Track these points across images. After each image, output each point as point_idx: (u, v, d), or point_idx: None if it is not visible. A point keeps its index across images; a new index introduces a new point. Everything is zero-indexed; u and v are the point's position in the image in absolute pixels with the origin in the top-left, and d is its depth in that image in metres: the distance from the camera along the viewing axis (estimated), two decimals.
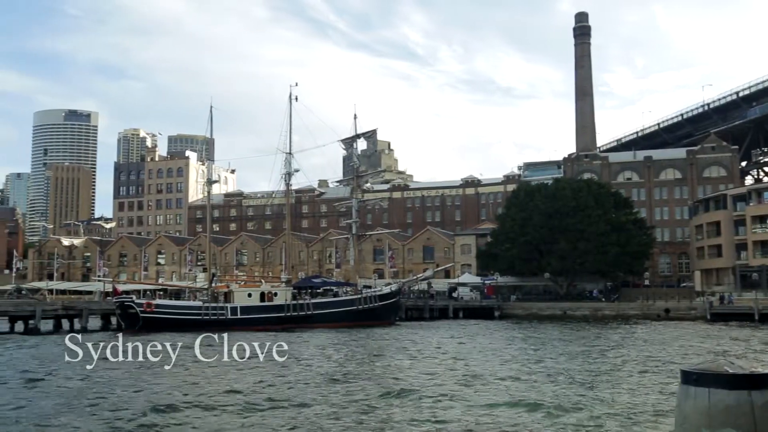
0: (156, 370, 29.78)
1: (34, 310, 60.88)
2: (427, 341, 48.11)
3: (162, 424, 18.71)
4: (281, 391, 24.17)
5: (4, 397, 22.93)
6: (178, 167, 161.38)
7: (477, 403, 21.34)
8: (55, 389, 25.10)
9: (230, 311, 61.05)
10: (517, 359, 34.42)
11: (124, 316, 58.99)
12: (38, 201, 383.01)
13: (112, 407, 20.87)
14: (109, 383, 25.83)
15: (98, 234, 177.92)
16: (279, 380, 26.88)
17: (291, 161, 70.96)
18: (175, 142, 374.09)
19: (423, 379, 26.86)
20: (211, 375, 29.27)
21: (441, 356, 36.89)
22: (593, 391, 23.52)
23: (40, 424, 18.86)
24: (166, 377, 27.67)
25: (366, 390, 24.35)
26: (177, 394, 23.39)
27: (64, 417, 19.71)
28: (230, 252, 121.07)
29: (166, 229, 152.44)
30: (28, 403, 22.02)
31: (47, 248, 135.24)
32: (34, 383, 26.57)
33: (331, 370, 30.89)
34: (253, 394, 23.24)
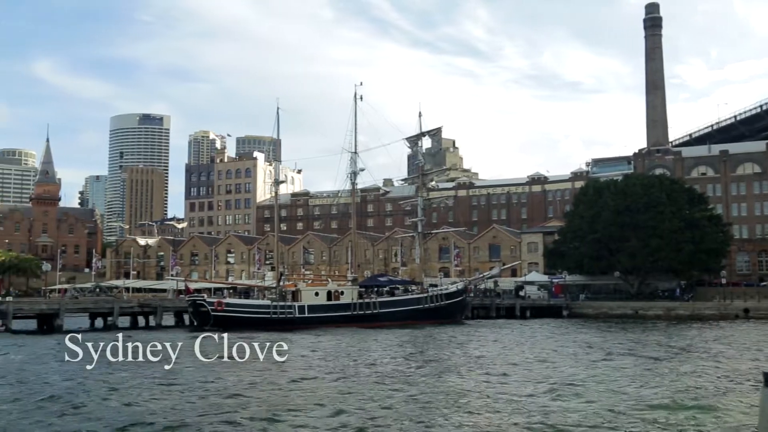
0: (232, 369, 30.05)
1: (112, 307, 63.36)
2: (501, 340, 47.53)
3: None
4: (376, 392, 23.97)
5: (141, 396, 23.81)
6: (247, 168, 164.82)
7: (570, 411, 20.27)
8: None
9: (298, 310, 61.88)
10: (610, 365, 32.38)
11: (196, 313, 60.63)
12: (115, 202, 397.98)
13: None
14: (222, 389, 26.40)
15: (171, 234, 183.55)
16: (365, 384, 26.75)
17: (356, 160, 71.40)
18: (244, 143, 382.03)
19: (514, 386, 25.79)
20: (279, 371, 29.81)
21: (521, 357, 36.17)
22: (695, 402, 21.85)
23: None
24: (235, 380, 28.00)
25: (448, 392, 23.92)
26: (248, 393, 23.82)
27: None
28: (297, 251, 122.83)
29: (235, 228, 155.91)
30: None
31: (124, 248, 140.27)
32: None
33: (407, 369, 30.83)
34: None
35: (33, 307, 62.04)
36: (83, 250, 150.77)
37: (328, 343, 45.43)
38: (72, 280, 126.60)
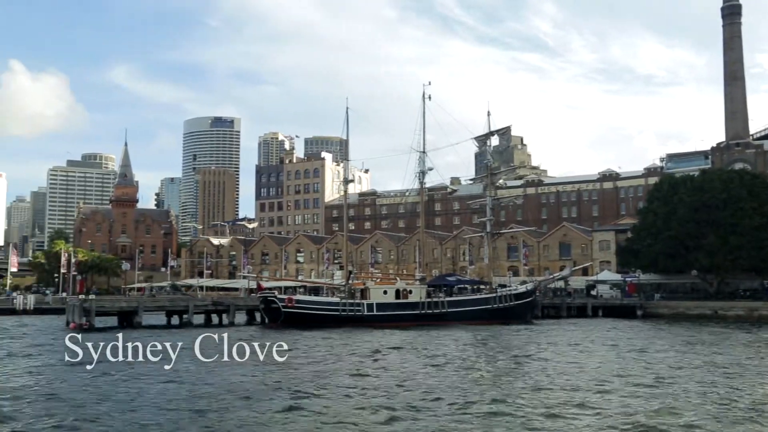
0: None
1: (187, 305, 65.36)
2: (576, 340, 46.50)
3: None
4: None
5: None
6: (315, 168, 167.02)
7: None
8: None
9: (366, 308, 62.34)
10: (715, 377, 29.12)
11: (267, 311, 61.89)
12: (189, 203, 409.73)
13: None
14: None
15: (242, 234, 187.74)
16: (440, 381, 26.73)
17: (424, 160, 71.33)
18: (312, 144, 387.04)
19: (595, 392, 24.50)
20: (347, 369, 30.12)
21: (598, 358, 35.14)
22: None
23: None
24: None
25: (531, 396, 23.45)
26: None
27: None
28: (365, 250, 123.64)
29: (304, 228, 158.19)
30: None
31: (198, 248, 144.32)
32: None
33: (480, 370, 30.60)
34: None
35: (114, 305, 64.71)
36: (159, 250, 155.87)
37: (446, 341, 45.45)
38: (149, 279, 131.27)
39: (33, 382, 27.01)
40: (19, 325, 64.50)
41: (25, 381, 27.39)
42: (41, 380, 27.54)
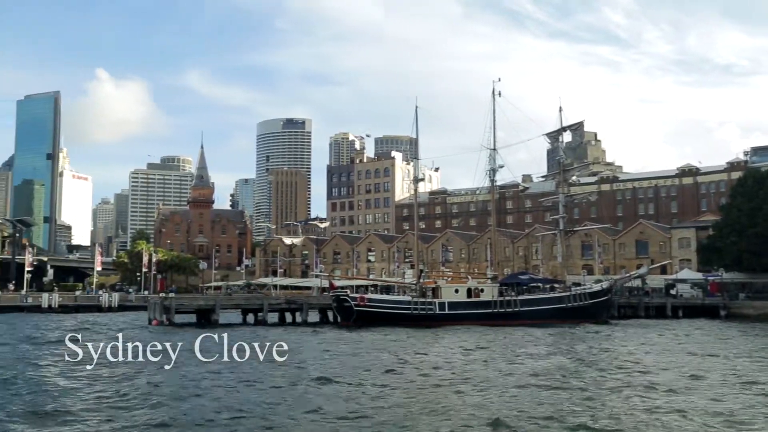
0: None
1: (261, 303, 66.76)
2: (660, 341, 44.77)
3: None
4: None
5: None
6: (385, 167, 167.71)
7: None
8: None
9: (438, 306, 62.23)
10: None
11: (340, 309, 62.61)
12: (262, 203, 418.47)
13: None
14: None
15: (314, 233, 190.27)
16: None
17: (495, 157, 70.65)
18: (382, 143, 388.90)
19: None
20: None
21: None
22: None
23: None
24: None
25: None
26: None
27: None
28: (436, 249, 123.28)
29: (375, 227, 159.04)
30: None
31: (271, 247, 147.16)
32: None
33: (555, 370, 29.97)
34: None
35: (192, 303, 66.81)
36: (235, 250, 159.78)
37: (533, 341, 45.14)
38: (225, 278, 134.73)
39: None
40: (105, 321, 67.44)
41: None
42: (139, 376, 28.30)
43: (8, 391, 23.65)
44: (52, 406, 21.04)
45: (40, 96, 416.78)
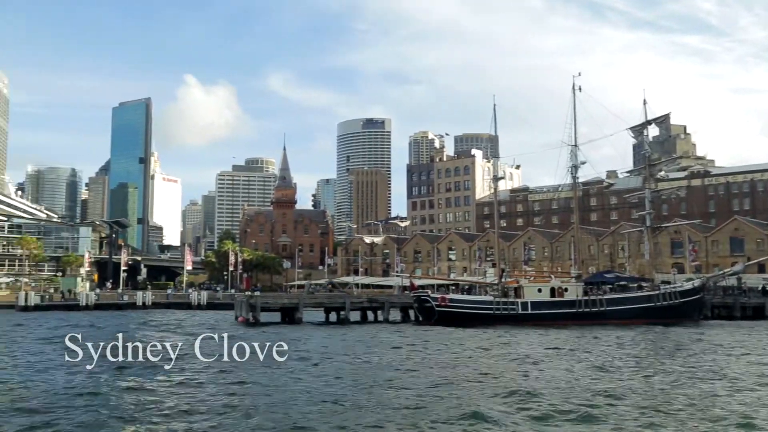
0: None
1: (344, 302, 67.68)
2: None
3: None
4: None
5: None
6: (465, 166, 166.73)
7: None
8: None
9: (521, 306, 61.42)
10: None
11: (421, 309, 62.73)
12: (343, 203, 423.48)
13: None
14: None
15: (395, 232, 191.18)
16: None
17: (577, 153, 69.15)
18: (461, 141, 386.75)
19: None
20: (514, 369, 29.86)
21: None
22: None
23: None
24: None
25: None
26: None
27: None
28: (518, 247, 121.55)
29: (455, 226, 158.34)
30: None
31: (352, 246, 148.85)
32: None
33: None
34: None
35: (277, 301, 68.35)
36: (317, 249, 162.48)
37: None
38: (308, 277, 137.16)
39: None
40: (195, 318, 70.06)
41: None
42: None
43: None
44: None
45: (133, 103, 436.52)
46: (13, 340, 45.23)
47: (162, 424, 18.46)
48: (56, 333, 47.66)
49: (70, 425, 18.28)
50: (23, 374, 28.02)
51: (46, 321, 65.33)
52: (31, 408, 20.51)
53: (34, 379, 26.33)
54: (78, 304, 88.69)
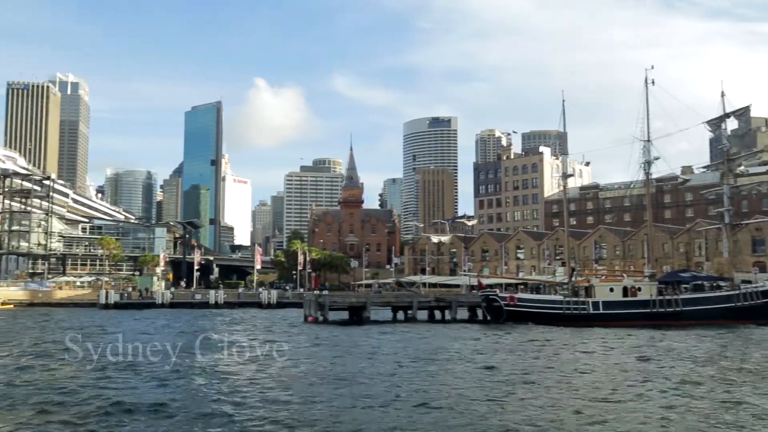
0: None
1: (411, 301, 67.73)
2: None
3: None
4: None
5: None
6: (533, 163, 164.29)
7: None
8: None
9: (592, 306, 60.13)
10: None
11: (489, 308, 62.22)
12: (410, 202, 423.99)
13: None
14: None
15: (462, 231, 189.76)
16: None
17: (650, 149, 67.05)
18: (529, 138, 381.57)
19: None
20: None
21: None
22: None
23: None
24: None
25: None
26: None
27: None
28: (588, 246, 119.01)
29: (523, 224, 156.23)
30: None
31: (419, 245, 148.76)
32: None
33: None
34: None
35: (345, 300, 69.02)
36: (384, 248, 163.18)
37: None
38: (375, 276, 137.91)
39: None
40: (266, 317, 71.47)
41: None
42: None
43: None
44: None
45: (204, 106, 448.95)
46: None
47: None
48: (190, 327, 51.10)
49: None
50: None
51: (152, 318, 68.26)
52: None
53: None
54: (154, 302, 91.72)
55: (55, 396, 21.92)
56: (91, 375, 26.78)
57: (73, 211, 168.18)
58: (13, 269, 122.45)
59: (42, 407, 20.08)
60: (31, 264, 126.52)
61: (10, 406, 20.28)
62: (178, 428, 17.92)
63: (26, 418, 18.88)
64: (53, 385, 23.98)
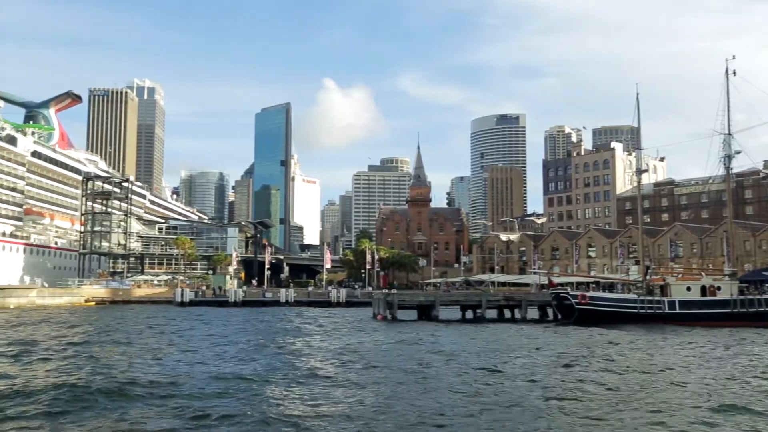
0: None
1: (480, 300, 67.18)
2: None
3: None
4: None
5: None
6: (604, 159, 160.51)
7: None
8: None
9: (668, 305, 58.29)
10: None
11: (560, 307, 61.05)
12: (478, 201, 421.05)
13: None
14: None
15: (531, 229, 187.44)
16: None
17: (731, 142, 64.38)
18: (600, 134, 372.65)
19: None
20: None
21: None
22: None
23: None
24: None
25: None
26: None
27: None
28: (663, 243, 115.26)
29: (594, 222, 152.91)
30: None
31: (488, 244, 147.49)
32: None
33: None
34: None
35: (413, 299, 69.06)
36: (452, 247, 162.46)
37: None
38: (444, 275, 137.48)
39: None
40: (337, 315, 72.23)
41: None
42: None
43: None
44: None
45: (274, 108, 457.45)
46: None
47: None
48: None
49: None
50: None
51: (234, 316, 70.28)
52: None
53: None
54: (227, 300, 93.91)
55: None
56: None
57: (150, 212, 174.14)
58: (95, 268, 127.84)
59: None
60: (111, 263, 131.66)
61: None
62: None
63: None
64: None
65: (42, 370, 27.54)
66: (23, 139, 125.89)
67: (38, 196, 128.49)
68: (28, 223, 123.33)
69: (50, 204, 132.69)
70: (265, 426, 17.79)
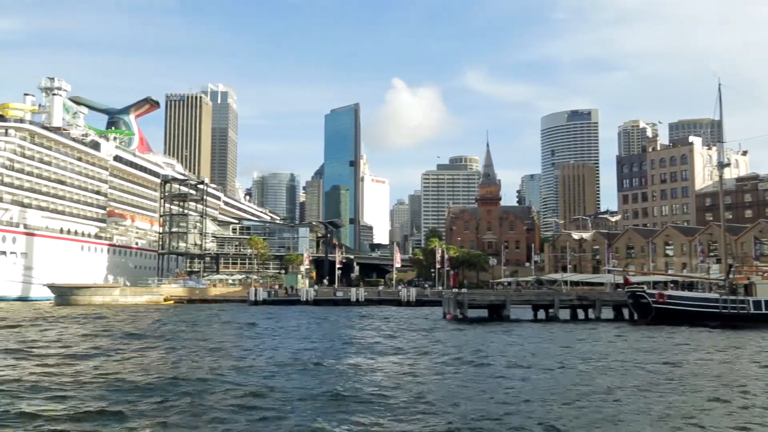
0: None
1: (552, 299, 66.00)
2: None
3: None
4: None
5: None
6: (682, 154, 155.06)
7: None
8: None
9: (753, 305, 55.84)
10: None
11: (636, 306, 59.31)
12: (549, 199, 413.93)
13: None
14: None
15: (605, 227, 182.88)
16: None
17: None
18: (676, 128, 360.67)
19: None
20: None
21: None
22: None
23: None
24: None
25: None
26: None
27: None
28: (747, 241, 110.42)
29: (672, 219, 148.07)
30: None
31: (560, 242, 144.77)
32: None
33: None
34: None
35: (484, 298, 68.42)
36: (523, 246, 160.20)
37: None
38: (514, 274, 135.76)
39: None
40: (407, 314, 72.33)
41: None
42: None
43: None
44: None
45: (343, 109, 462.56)
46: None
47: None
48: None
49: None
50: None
51: (317, 314, 71.76)
52: None
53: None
54: (299, 299, 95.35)
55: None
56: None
57: (224, 213, 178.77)
58: (173, 268, 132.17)
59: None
60: (188, 263, 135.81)
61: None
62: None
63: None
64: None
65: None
66: (106, 144, 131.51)
67: (120, 199, 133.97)
68: (111, 224, 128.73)
69: (131, 206, 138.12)
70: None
